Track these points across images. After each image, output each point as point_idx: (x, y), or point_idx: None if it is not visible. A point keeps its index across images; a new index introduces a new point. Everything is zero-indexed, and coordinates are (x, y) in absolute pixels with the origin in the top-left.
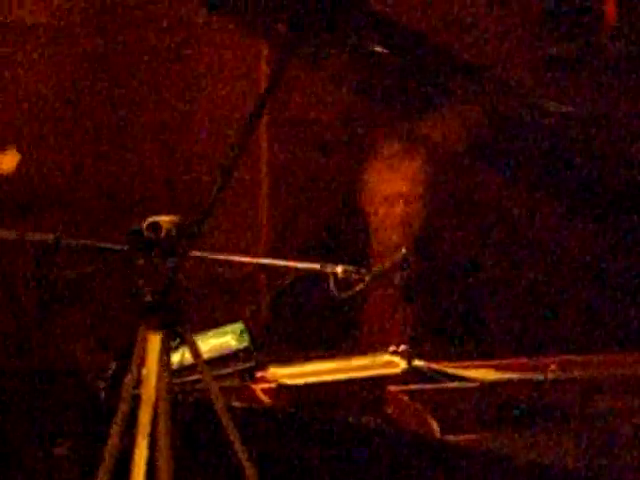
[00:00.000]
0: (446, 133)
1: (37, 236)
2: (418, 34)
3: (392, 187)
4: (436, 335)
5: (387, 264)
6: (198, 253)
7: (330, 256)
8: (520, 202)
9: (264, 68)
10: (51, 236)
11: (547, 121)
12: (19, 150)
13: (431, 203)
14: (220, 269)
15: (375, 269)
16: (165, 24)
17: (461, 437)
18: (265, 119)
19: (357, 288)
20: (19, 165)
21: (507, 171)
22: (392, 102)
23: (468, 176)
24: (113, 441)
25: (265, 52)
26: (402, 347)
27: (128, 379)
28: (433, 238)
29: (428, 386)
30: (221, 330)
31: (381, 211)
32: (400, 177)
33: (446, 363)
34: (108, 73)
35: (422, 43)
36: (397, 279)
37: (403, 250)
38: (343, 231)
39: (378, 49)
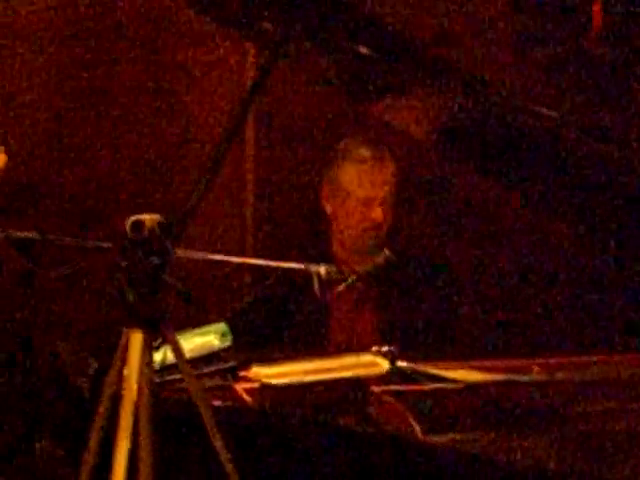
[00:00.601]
0: (416, 125)
1: (22, 234)
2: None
3: (366, 191)
4: (411, 336)
5: (370, 265)
6: (182, 252)
7: (310, 257)
8: (494, 199)
9: (250, 67)
10: (36, 234)
11: (523, 119)
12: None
13: (401, 202)
14: (204, 268)
15: (359, 270)
16: (151, 22)
17: (443, 438)
18: (251, 117)
19: (340, 288)
20: (6, 166)
21: (479, 165)
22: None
23: (438, 170)
24: (95, 439)
25: (251, 51)
26: (385, 347)
27: (110, 378)
28: (404, 236)
29: (411, 387)
30: (204, 329)
31: (356, 215)
32: (374, 180)
33: (429, 364)
34: (92, 73)
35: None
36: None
37: (386, 252)
38: (321, 232)
39: (363, 50)
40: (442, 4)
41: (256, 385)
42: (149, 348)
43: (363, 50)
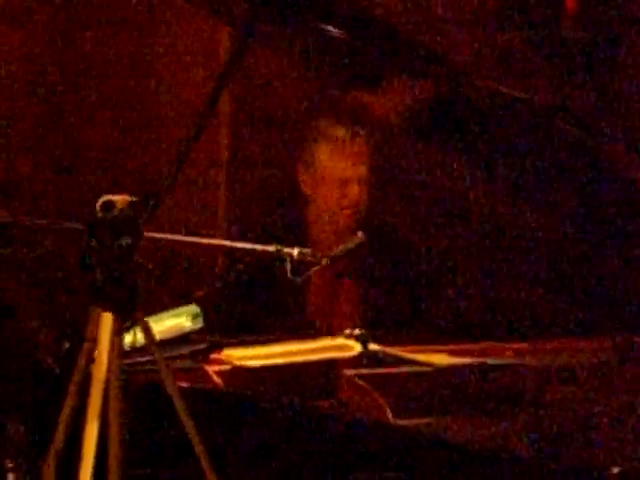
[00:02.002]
0: (392, 111)
1: None
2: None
3: (343, 170)
4: (385, 319)
5: (344, 247)
6: (153, 234)
7: (284, 239)
8: (471, 182)
9: (224, 47)
10: (6, 215)
11: (499, 105)
12: None
13: (376, 184)
14: (176, 250)
15: (332, 252)
16: (125, 2)
17: (414, 421)
18: (226, 98)
19: (313, 270)
20: None
21: (454, 151)
22: (340, 80)
23: (412, 153)
24: (64, 420)
25: (225, 31)
26: (357, 330)
27: (80, 359)
28: (379, 219)
29: (382, 370)
30: (175, 312)
31: (333, 195)
32: (350, 160)
33: (401, 347)
34: (67, 54)
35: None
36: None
37: (360, 234)
38: (295, 214)
39: (334, 31)
40: None
41: (227, 367)
42: (119, 329)
43: (335, 32)
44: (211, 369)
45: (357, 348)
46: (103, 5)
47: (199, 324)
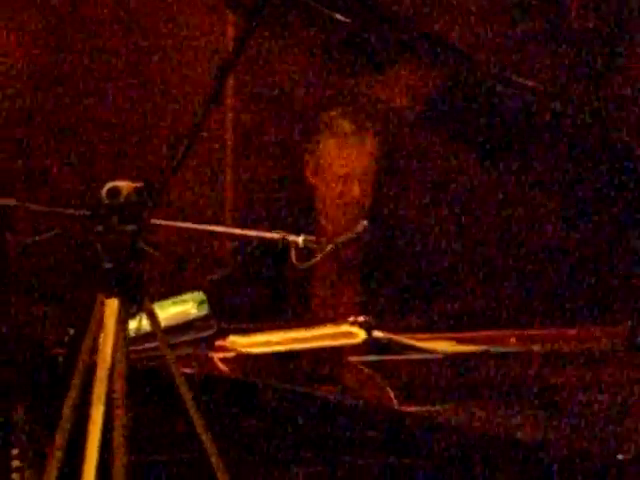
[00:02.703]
0: (399, 98)
1: None
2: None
3: (349, 164)
4: (392, 307)
5: (348, 235)
6: (159, 220)
7: (290, 225)
8: (477, 172)
9: (230, 34)
10: (12, 201)
11: (506, 93)
12: None
13: (382, 175)
14: (182, 236)
15: (336, 239)
16: None
17: (419, 408)
18: (231, 84)
19: (317, 258)
20: None
21: (460, 139)
22: (347, 68)
23: (420, 144)
24: (69, 407)
25: (231, 18)
26: (362, 318)
27: (85, 345)
28: (386, 208)
29: (387, 357)
30: (181, 298)
31: (337, 189)
32: (356, 154)
33: (406, 335)
34: (71, 44)
35: (383, 12)
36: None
37: (364, 222)
38: (298, 204)
39: (341, 17)
40: None
41: (232, 354)
42: (125, 316)
43: (341, 18)
44: (216, 356)
45: (362, 335)
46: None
47: (204, 311)
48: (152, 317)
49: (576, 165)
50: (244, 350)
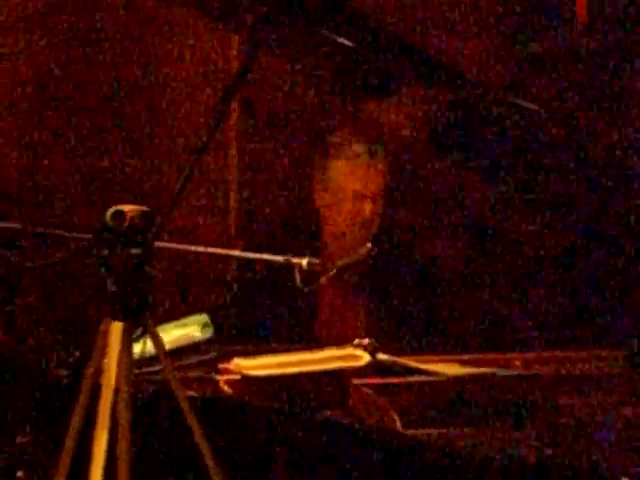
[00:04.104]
0: (405, 122)
1: (3, 223)
2: (385, 28)
3: (358, 186)
4: (397, 329)
5: (352, 258)
6: (164, 244)
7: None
8: (482, 194)
9: (234, 57)
10: (17, 224)
11: (511, 115)
12: None
13: (390, 196)
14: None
15: (340, 263)
16: (133, 13)
17: (424, 431)
18: (235, 106)
19: (321, 280)
20: None
21: (465, 161)
22: (351, 90)
23: (426, 165)
24: (73, 430)
25: (235, 41)
26: (366, 340)
27: (89, 368)
28: (390, 229)
29: (391, 380)
30: (185, 320)
31: (348, 209)
32: (365, 176)
33: (410, 357)
34: (75, 66)
35: (388, 36)
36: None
37: (368, 245)
38: (304, 226)
39: (345, 42)
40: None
41: (237, 377)
42: (129, 339)
43: (346, 42)
44: (221, 379)
45: (366, 358)
46: (116, 19)
47: (209, 334)
48: (156, 340)
49: (581, 186)
50: (248, 373)
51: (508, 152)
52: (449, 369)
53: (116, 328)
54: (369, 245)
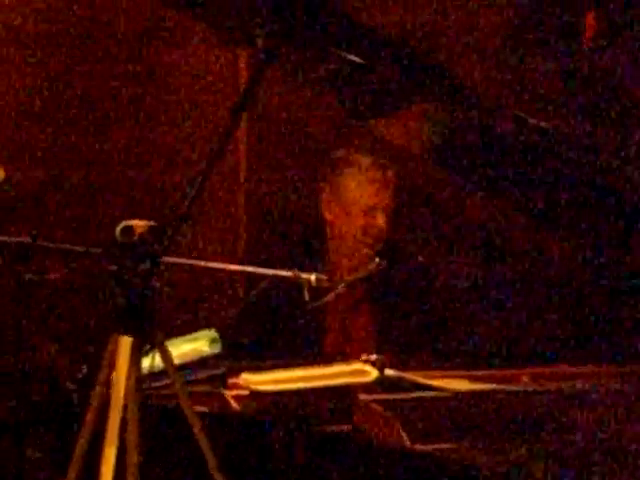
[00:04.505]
0: (411, 139)
1: (13, 238)
2: (393, 44)
3: (367, 200)
4: (405, 345)
5: (360, 274)
6: (172, 259)
7: (302, 263)
8: (490, 211)
9: (242, 73)
10: (27, 238)
11: (518, 131)
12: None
13: (398, 212)
14: (195, 274)
15: (348, 278)
16: (141, 28)
17: (431, 447)
18: (244, 123)
19: (330, 296)
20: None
21: (472, 177)
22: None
23: (434, 181)
24: (82, 444)
25: (243, 57)
26: (374, 356)
27: (99, 383)
28: (399, 245)
29: (399, 395)
30: (194, 336)
31: (359, 223)
32: (374, 190)
33: (418, 373)
34: (84, 80)
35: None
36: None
37: (377, 260)
38: (314, 238)
39: (354, 58)
40: (437, 18)
41: (245, 392)
42: (138, 353)
43: (353, 58)
44: (229, 394)
45: (373, 373)
46: (117, 33)
47: (217, 349)
48: (165, 355)
49: (590, 202)
50: (257, 388)
51: (515, 168)
52: (457, 385)
53: (125, 343)
54: (377, 260)
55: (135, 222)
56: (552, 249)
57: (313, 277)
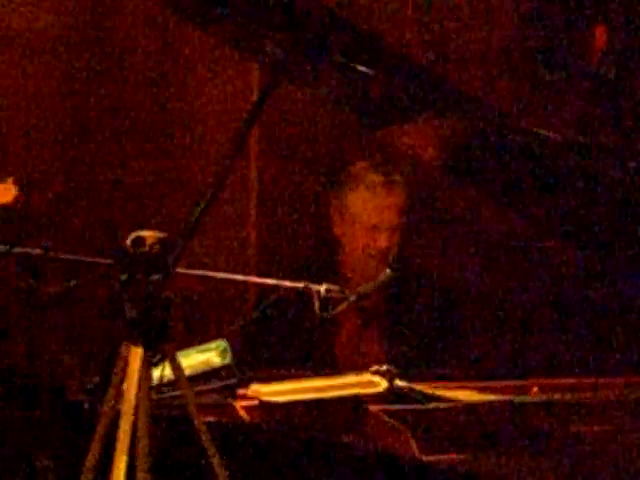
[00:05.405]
0: (424, 149)
1: (25, 249)
2: (401, 54)
3: (376, 216)
4: (415, 356)
5: (371, 285)
6: (183, 270)
7: (313, 274)
8: (502, 222)
9: (255, 86)
10: (38, 250)
11: (528, 142)
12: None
13: (408, 226)
14: (206, 286)
15: (359, 289)
16: (156, 44)
17: (440, 457)
18: (255, 134)
19: (340, 308)
20: (16, 198)
21: (485, 189)
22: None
23: (444, 192)
24: (93, 455)
25: (256, 71)
26: (384, 367)
27: (109, 394)
28: (409, 256)
29: (409, 406)
30: (204, 347)
31: (363, 240)
32: (383, 206)
33: (427, 384)
34: (97, 95)
35: (405, 63)
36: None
37: (388, 271)
38: (322, 255)
39: (364, 69)
40: (447, 28)
41: (255, 403)
42: (148, 364)
43: (364, 69)
44: (239, 404)
45: (384, 384)
46: (132, 47)
47: (228, 359)
48: (176, 366)
49: (603, 211)
50: (267, 398)
51: (528, 178)
52: (467, 396)
53: (135, 353)
54: (388, 271)
55: (146, 233)
56: (562, 260)
57: (323, 288)
